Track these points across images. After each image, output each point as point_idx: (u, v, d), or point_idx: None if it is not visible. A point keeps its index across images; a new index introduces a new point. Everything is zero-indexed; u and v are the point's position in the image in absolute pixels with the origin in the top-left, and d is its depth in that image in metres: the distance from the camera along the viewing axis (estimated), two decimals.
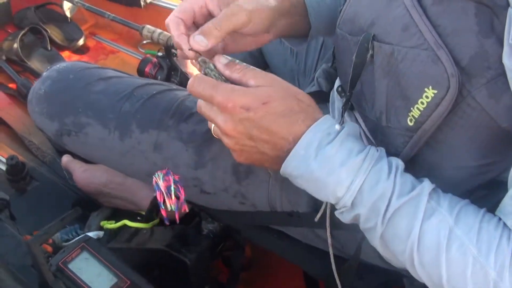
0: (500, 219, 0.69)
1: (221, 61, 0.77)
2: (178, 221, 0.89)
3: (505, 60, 0.63)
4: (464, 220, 0.69)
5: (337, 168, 0.72)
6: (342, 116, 0.91)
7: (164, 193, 0.87)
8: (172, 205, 0.89)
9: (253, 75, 0.75)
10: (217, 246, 1.25)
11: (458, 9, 0.67)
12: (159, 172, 0.89)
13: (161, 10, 2.25)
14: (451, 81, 0.67)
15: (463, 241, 0.68)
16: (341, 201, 0.74)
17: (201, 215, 1.30)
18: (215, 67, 0.78)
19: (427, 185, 0.72)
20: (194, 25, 0.87)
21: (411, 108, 0.73)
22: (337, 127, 0.74)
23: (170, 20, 0.83)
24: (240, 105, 0.72)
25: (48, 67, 1.21)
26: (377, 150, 0.74)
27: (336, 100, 1.00)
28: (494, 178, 0.77)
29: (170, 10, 2.22)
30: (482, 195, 0.77)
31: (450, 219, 0.69)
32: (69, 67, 1.17)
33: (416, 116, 0.73)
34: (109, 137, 1.08)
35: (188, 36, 0.81)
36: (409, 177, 0.74)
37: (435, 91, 0.69)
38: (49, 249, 1.17)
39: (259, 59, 1.49)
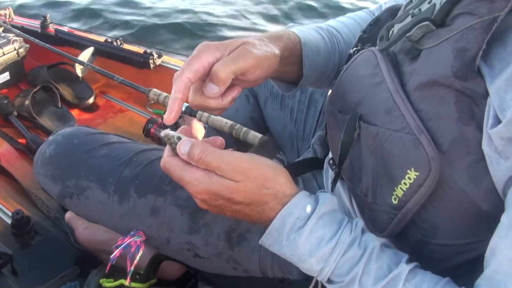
0: None
1: (181, 151, 0.77)
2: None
3: (485, 146, 0.65)
4: None
5: (306, 257, 0.76)
6: (332, 190, 0.95)
7: (123, 245, 0.98)
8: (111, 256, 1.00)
9: (217, 166, 0.74)
10: None
11: (439, 96, 0.70)
12: (136, 233, 1.00)
13: (170, 72, 2.32)
14: (432, 165, 0.69)
15: None
16: (317, 277, 0.79)
17: (198, 277, 1.32)
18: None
19: (404, 268, 0.74)
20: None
21: (395, 188, 0.75)
22: (308, 209, 0.77)
23: (178, 79, 0.78)
24: (207, 197, 0.77)
25: (55, 131, 1.25)
26: (351, 232, 0.77)
27: (330, 169, 1.03)
28: (480, 255, 0.76)
29: None
30: (468, 269, 0.78)
31: None
32: (74, 132, 1.21)
33: (400, 196, 0.75)
34: (109, 201, 1.11)
35: (181, 102, 0.78)
36: (386, 259, 0.76)
37: (417, 173, 0.71)
38: None
39: (260, 123, 1.53)
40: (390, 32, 0.85)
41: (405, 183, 0.73)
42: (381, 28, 0.89)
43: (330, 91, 0.96)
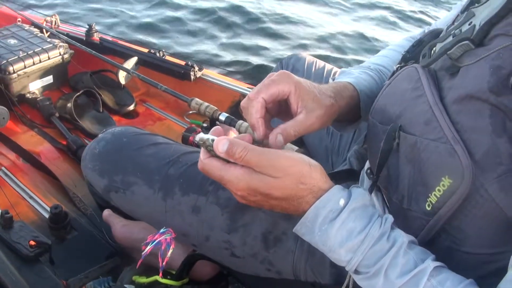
0: None
1: (220, 150, 0.80)
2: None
3: None
4: None
5: (336, 248, 0.81)
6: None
7: (154, 241, 1.03)
8: (143, 253, 1.04)
9: (257, 164, 0.79)
10: None
11: (475, 110, 0.75)
12: (166, 230, 1.04)
13: (209, 85, 2.40)
14: (466, 173, 0.74)
15: None
16: (345, 267, 0.83)
17: (229, 279, 1.36)
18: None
19: (429, 264, 0.78)
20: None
21: (429, 194, 0.80)
22: (341, 203, 0.81)
23: (255, 100, 0.88)
24: (246, 193, 0.82)
25: (104, 130, 1.32)
26: (380, 227, 0.81)
27: (365, 180, 1.07)
28: (506, 266, 0.79)
29: (217, 85, 2.38)
30: (495, 281, 0.78)
31: None
32: (123, 131, 1.28)
33: (433, 202, 0.79)
34: (153, 197, 1.17)
35: (263, 120, 0.88)
36: (413, 255, 0.79)
37: (451, 181, 0.76)
38: None
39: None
40: (433, 50, 0.90)
41: (439, 190, 0.78)
42: (423, 48, 0.94)
43: None
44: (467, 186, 0.74)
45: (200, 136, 0.85)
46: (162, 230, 1.10)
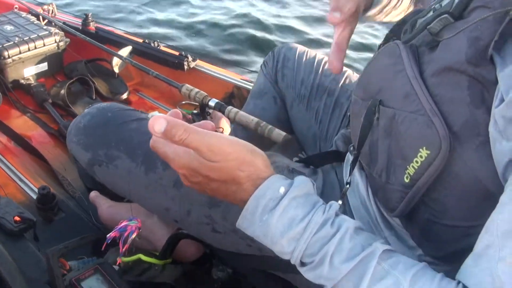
0: (459, 282, 0.71)
1: (156, 130, 0.75)
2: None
3: (491, 128, 0.71)
4: (420, 283, 0.72)
5: (278, 238, 0.78)
6: (350, 173, 0.99)
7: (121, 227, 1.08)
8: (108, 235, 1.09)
9: (196, 147, 0.76)
10: None
11: (453, 82, 0.75)
12: (133, 219, 1.10)
13: (202, 75, 2.41)
14: (443, 144, 0.75)
15: None
16: (290, 260, 0.81)
17: (213, 262, 1.36)
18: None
19: (378, 246, 0.76)
20: None
21: (407, 166, 0.80)
22: (282, 190, 0.79)
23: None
24: (188, 173, 0.81)
25: (90, 105, 1.32)
26: (324, 213, 0.78)
27: (350, 160, 1.08)
28: None
29: (210, 75, 2.39)
30: None
31: (405, 282, 0.72)
32: (108, 106, 1.29)
33: (412, 174, 0.80)
34: (135, 170, 1.17)
35: None
36: (360, 240, 0.77)
37: (428, 152, 0.76)
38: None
39: (285, 124, 1.58)
40: (415, 27, 0.92)
41: (416, 161, 0.78)
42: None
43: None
44: (445, 156, 0.75)
45: (153, 114, 0.85)
46: (130, 218, 1.11)
